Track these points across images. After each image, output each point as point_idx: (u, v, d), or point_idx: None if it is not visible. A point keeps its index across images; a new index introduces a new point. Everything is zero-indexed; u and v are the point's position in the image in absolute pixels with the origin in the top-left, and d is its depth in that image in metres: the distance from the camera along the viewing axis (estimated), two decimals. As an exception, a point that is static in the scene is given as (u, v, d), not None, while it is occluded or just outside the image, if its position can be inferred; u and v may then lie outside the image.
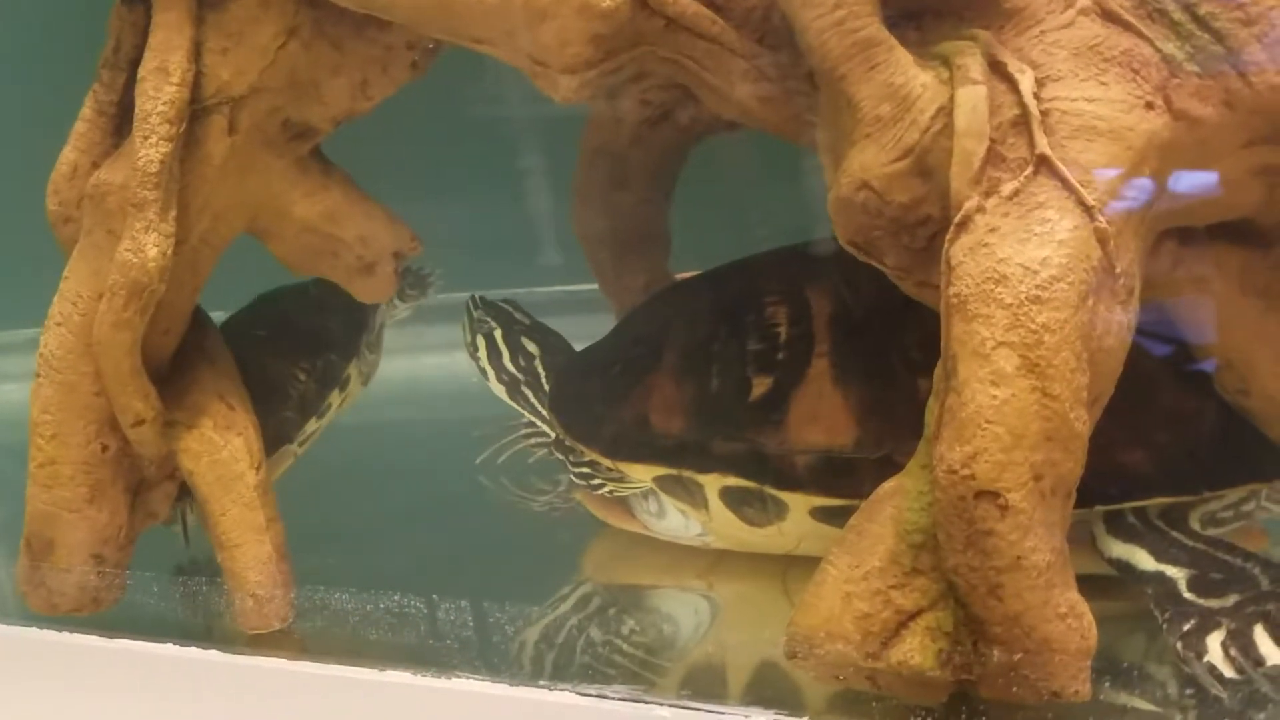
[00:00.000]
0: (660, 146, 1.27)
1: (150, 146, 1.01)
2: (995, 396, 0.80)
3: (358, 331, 1.38)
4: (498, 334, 1.28)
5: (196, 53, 1.02)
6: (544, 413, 1.26)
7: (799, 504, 1.03)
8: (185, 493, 1.16)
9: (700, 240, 1.40)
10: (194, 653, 0.92)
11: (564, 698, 0.82)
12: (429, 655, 0.90)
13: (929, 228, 0.87)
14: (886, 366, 1.02)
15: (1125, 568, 0.96)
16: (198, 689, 0.91)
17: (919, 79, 0.86)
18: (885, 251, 0.90)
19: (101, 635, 1.03)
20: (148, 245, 1.02)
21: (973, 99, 0.84)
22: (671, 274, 1.35)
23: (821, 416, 1.02)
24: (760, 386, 1.05)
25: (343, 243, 1.13)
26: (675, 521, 1.14)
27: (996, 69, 0.85)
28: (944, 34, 0.90)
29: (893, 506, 0.88)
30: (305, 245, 1.13)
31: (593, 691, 0.83)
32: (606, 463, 1.12)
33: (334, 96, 1.07)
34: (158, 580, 1.13)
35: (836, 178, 0.89)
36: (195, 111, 1.03)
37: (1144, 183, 0.84)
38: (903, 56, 0.87)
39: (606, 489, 1.16)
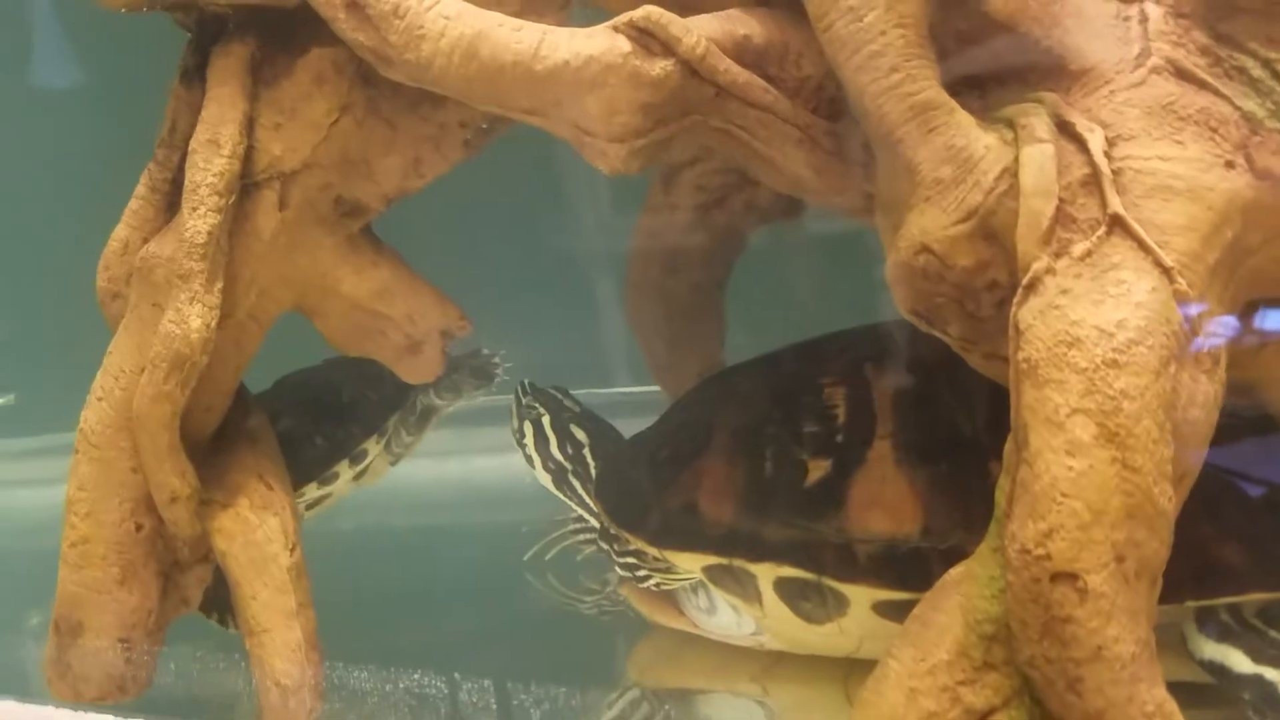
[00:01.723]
0: (715, 232, 1.25)
1: (198, 218, 1.00)
2: (1071, 468, 0.74)
3: (388, 410, 1.36)
4: (545, 420, 1.24)
5: (249, 127, 1.02)
6: (591, 504, 1.21)
7: (861, 597, 0.96)
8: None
9: (755, 330, 1.36)
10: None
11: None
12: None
13: (995, 294, 0.83)
14: (953, 449, 0.96)
15: (1219, 670, 0.87)
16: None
17: (981, 140, 0.83)
18: (949, 320, 0.85)
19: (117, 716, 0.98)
20: (191, 317, 1.01)
21: (1039, 157, 0.80)
22: (725, 363, 1.31)
23: (885, 502, 0.96)
24: (817, 470, 1.00)
25: (391, 321, 1.11)
26: (727, 618, 1.07)
27: (1064, 129, 0.82)
28: (1008, 100, 0.87)
29: (960, 594, 0.81)
30: (353, 323, 1.11)
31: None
32: (653, 552, 1.07)
33: (386, 174, 1.06)
34: (174, 658, 1.09)
35: (895, 243, 0.85)
36: (246, 186, 1.03)
37: (1226, 245, 0.79)
38: (964, 119, 0.83)
39: (653, 581, 1.09)
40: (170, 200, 1.08)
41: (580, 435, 1.22)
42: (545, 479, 1.25)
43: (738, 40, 0.90)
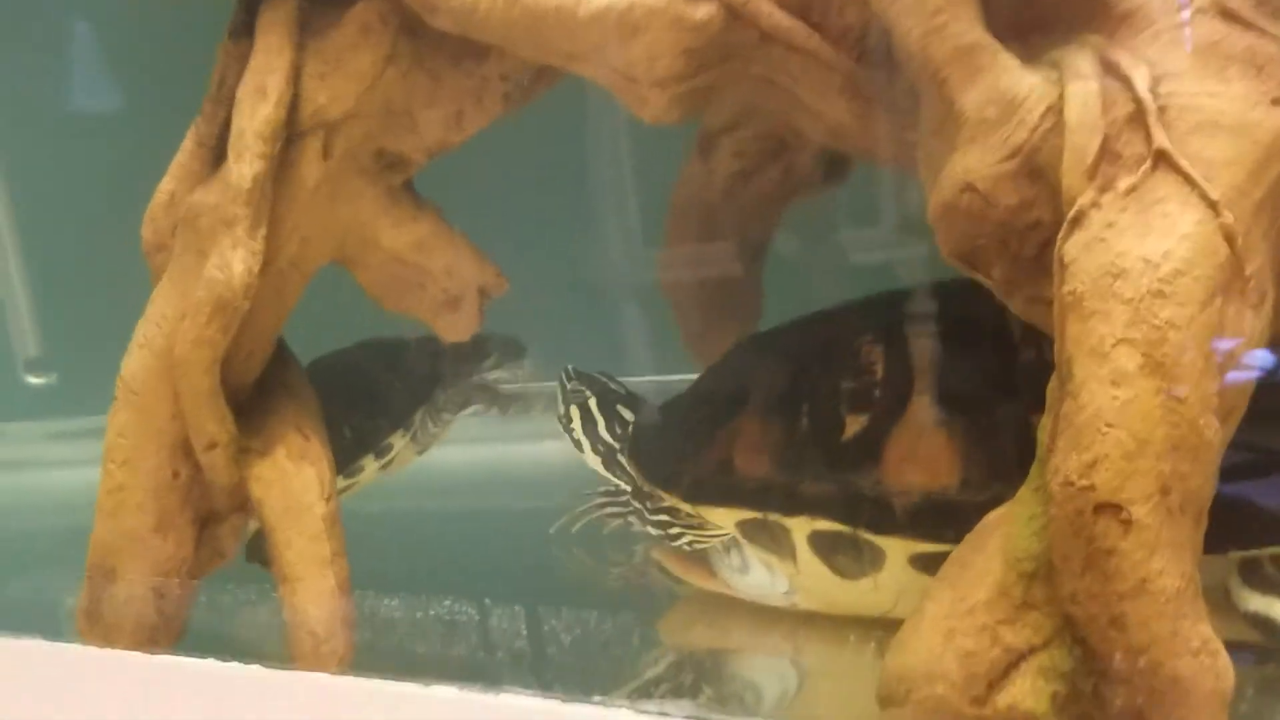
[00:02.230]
0: (753, 201, 1.25)
1: (244, 164, 1.01)
2: (1116, 398, 0.73)
3: (415, 403, 1.37)
4: (592, 402, 1.23)
5: (295, 76, 1.03)
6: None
7: (897, 551, 0.95)
8: None
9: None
10: (236, 668, 0.87)
11: (621, 714, 0.74)
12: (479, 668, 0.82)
13: (1039, 233, 0.82)
14: (990, 403, 0.95)
15: (1264, 624, 0.85)
16: (243, 703, 0.85)
17: (1026, 80, 0.82)
18: (991, 262, 0.85)
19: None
20: (235, 262, 1.02)
21: (1083, 92, 0.80)
22: (760, 333, 1.30)
23: (921, 456, 0.95)
24: (854, 425, 0.99)
25: (429, 274, 1.12)
26: (760, 577, 1.06)
27: (1109, 67, 0.81)
28: (1051, 46, 0.86)
29: (1000, 534, 0.80)
30: (392, 275, 1.12)
31: (653, 709, 0.75)
32: (686, 508, 1.06)
33: (428, 126, 1.07)
34: (206, 590, 1.09)
35: (938, 183, 0.84)
36: (291, 135, 1.04)
37: (1272, 181, 0.78)
38: (1008, 60, 0.83)
39: (686, 539, 1.09)
40: (216, 154, 1.09)
41: (627, 415, 1.22)
42: (594, 461, 1.24)
43: (782, -14, 0.91)
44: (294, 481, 1.08)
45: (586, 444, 1.22)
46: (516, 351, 1.38)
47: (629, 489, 1.19)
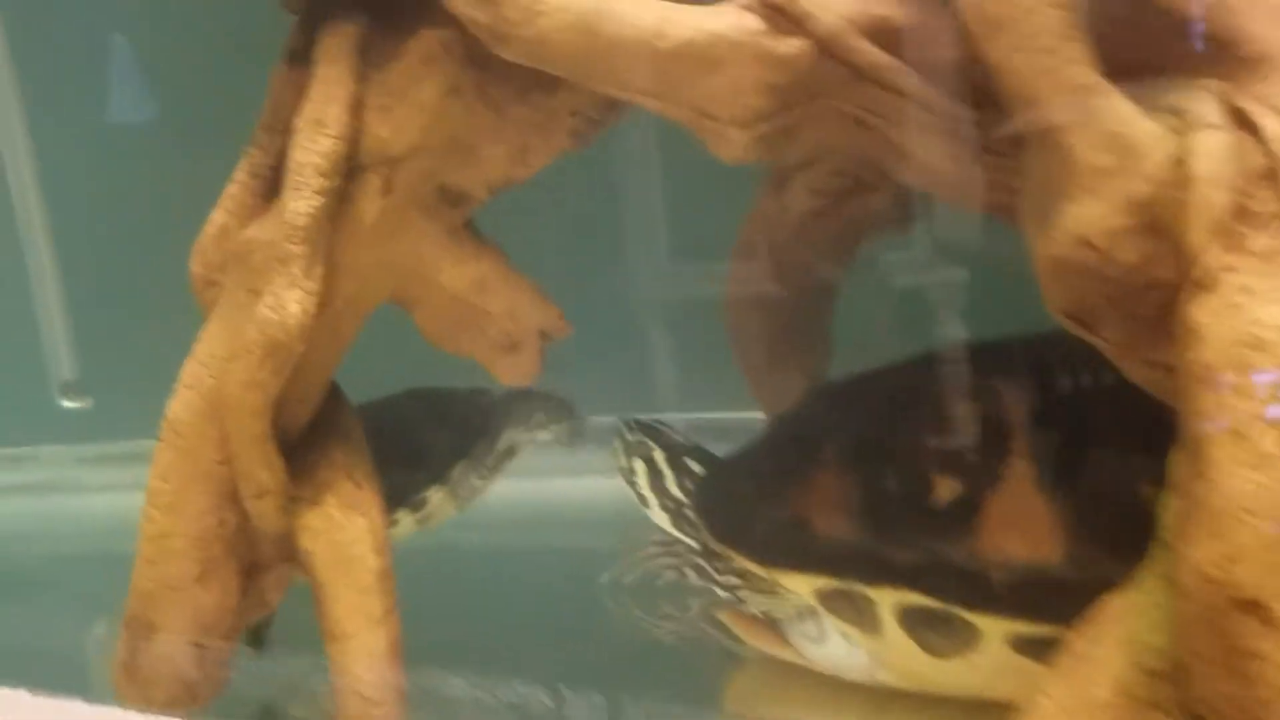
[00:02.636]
0: (825, 240, 1.19)
1: (301, 199, 0.96)
2: (1258, 483, 0.66)
3: (455, 457, 1.32)
4: (658, 455, 1.17)
5: (356, 108, 0.98)
6: None
7: (994, 630, 0.88)
8: None
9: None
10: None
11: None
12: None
13: (1159, 294, 0.75)
14: (1101, 467, 0.88)
15: None
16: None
17: (1144, 127, 0.76)
18: (1106, 323, 0.78)
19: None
20: (290, 302, 0.97)
21: (1212, 143, 0.73)
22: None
23: (1023, 524, 0.88)
24: (946, 488, 0.92)
25: (489, 316, 1.07)
26: (837, 649, 0.99)
27: (1236, 116, 0.75)
28: (1169, 89, 0.80)
29: (1122, 625, 0.74)
30: (451, 316, 1.07)
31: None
32: (759, 571, 1.00)
33: (492, 161, 1.02)
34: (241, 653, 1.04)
35: (1049, 236, 0.78)
36: (350, 169, 0.99)
37: None
38: (1124, 104, 0.77)
39: (757, 604, 1.02)
40: (271, 185, 1.05)
41: (696, 468, 1.15)
42: (662, 518, 1.17)
43: (875, 20, 0.85)
44: (345, 532, 1.02)
45: (653, 500, 1.16)
46: (566, 411, 1.32)
47: (696, 546, 1.13)
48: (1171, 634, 0.69)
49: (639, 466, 1.17)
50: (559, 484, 1.70)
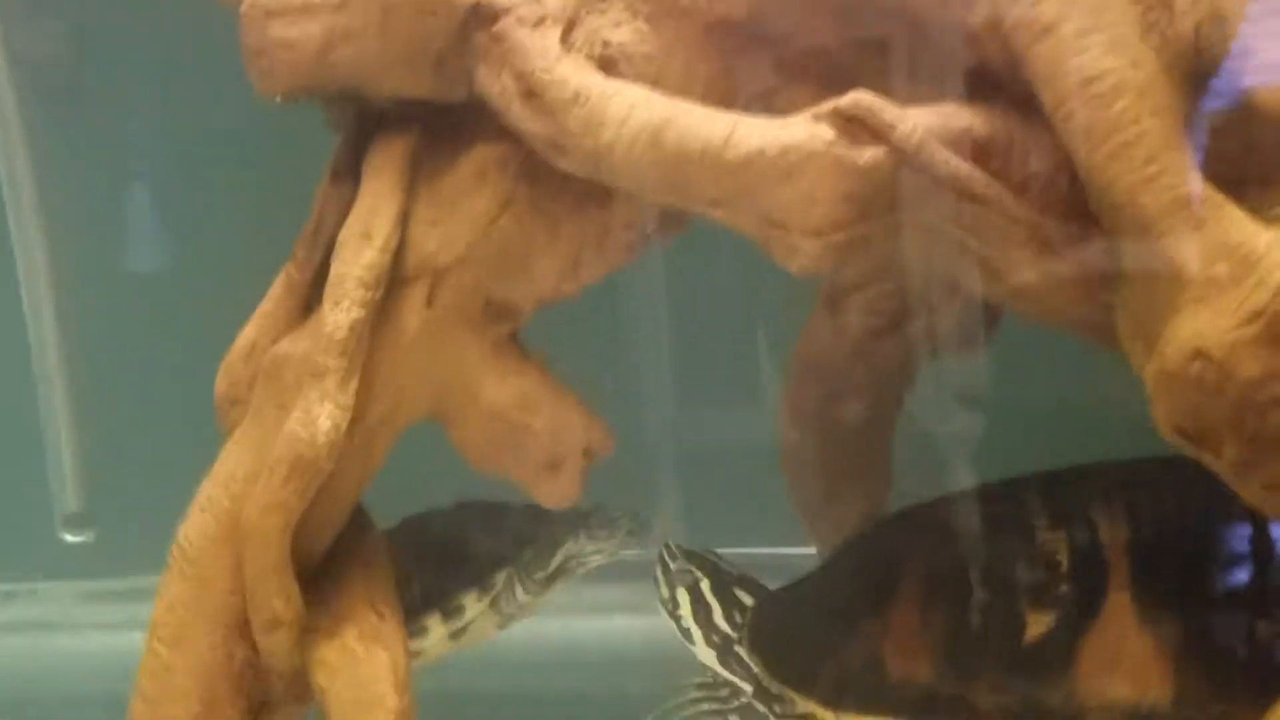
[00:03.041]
0: (885, 362, 1.14)
1: (341, 311, 0.91)
2: None
3: (499, 562, 1.22)
4: (704, 585, 1.08)
5: (403, 221, 0.94)
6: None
7: (1095, 783, 0.80)
8: None
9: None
10: None
11: None
12: None
13: (1284, 411, 0.70)
14: (1208, 602, 0.81)
15: None
16: None
17: (1262, 235, 0.72)
18: (1224, 441, 0.72)
19: None
20: (321, 417, 0.91)
21: (1339, 249, 0.69)
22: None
23: (1125, 663, 0.81)
24: (1038, 625, 0.85)
25: (531, 433, 1.00)
26: (909, 812, 0.90)
27: (1358, 222, 0.71)
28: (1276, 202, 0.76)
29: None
30: (491, 434, 1.00)
31: None
32: (828, 716, 0.91)
33: (543, 275, 0.98)
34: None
35: (1161, 352, 0.73)
36: (393, 281, 0.94)
37: None
38: (1237, 213, 0.73)
39: (817, 754, 0.94)
40: (308, 303, 1.00)
41: (746, 599, 1.07)
42: (708, 655, 1.07)
43: (956, 133, 0.81)
44: (364, 669, 0.94)
45: (698, 634, 1.07)
46: (636, 524, 1.24)
47: (749, 687, 1.04)
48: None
49: (682, 597, 1.09)
50: (585, 623, 1.62)
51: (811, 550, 1.22)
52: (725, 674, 1.06)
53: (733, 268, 1.56)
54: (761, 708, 1.00)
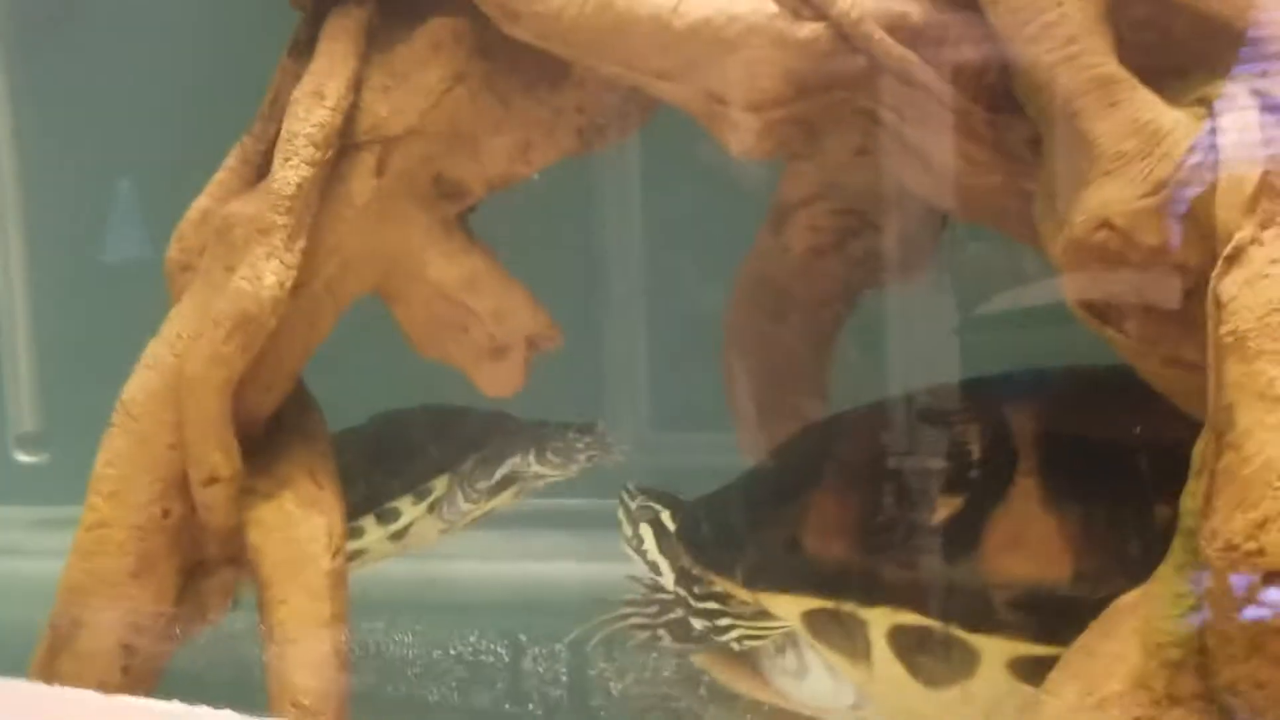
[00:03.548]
0: (827, 281, 1.16)
1: (291, 169, 0.93)
2: (1291, 448, 0.61)
3: (437, 469, 1.22)
4: (665, 516, 1.09)
5: (356, 86, 0.96)
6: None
7: (995, 652, 0.82)
8: None
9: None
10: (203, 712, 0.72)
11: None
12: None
13: (1184, 279, 0.73)
14: (1109, 487, 0.83)
15: None
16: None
17: (1169, 114, 0.75)
18: (1126, 315, 0.75)
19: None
20: (266, 273, 0.92)
21: (1241, 121, 0.72)
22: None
23: (1028, 543, 0.83)
24: (947, 507, 0.87)
25: (475, 316, 1.02)
26: (820, 684, 0.92)
27: (1264, 101, 0.74)
28: (1191, 89, 0.79)
29: (1137, 617, 0.68)
30: (435, 314, 1.02)
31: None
32: (742, 594, 0.93)
33: (492, 155, 1.00)
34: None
35: (1070, 221, 0.75)
36: (344, 147, 0.96)
37: None
38: (1148, 94, 0.76)
39: (735, 633, 0.95)
40: (261, 172, 1.01)
41: None
42: (675, 582, 1.08)
43: (894, 17, 0.84)
44: (299, 530, 0.95)
45: (665, 564, 1.08)
46: (598, 445, 1.24)
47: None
48: (1190, 624, 0.63)
49: (645, 532, 1.09)
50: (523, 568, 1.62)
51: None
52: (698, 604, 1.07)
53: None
54: (682, 592, 1.01)
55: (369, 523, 1.20)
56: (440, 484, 1.23)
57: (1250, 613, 0.60)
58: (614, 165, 1.58)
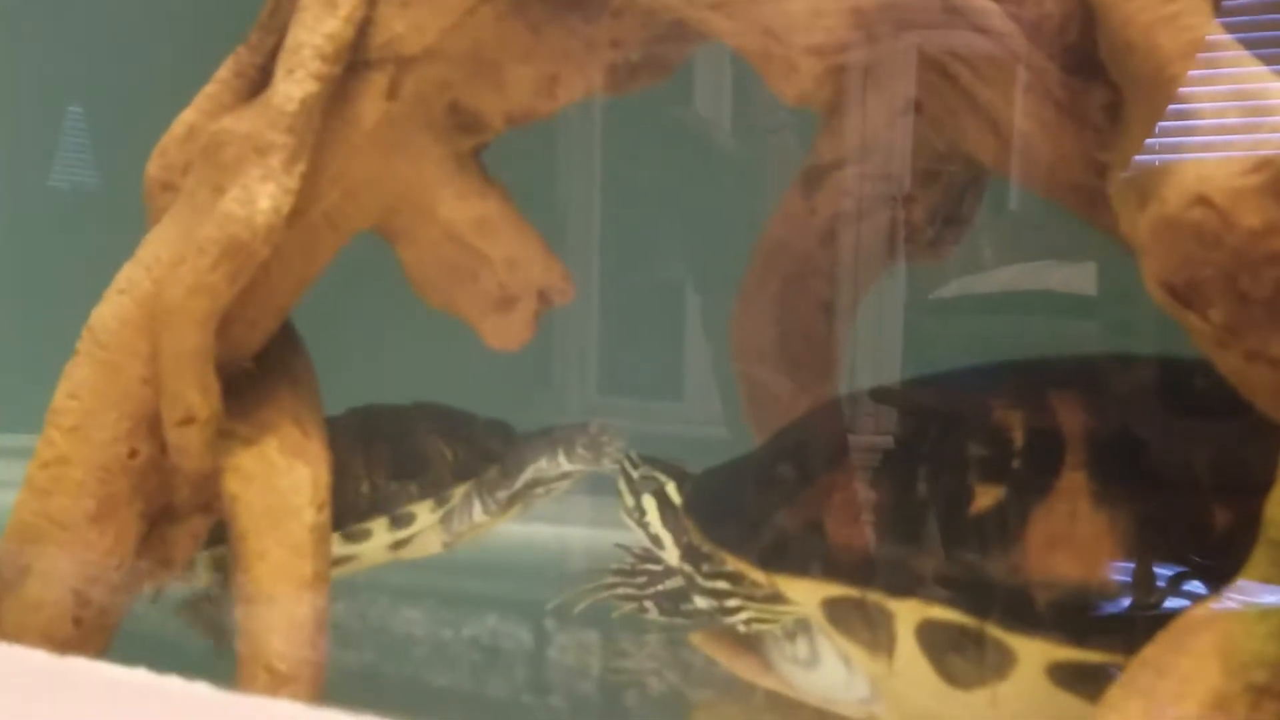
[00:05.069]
0: (851, 250, 1.09)
1: (294, 82, 0.84)
2: None
3: (460, 477, 1.15)
4: (670, 487, 1.03)
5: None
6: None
7: (1033, 656, 0.76)
8: None
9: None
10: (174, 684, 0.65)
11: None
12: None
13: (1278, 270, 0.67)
14: (1166, 486, 0.78)
15: None
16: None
17: (1277, 86, 0.69)
18: (1213, 300, 0.69)
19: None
20: (261, 196, 0.84)
21: (1362, 102, 0.66)
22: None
23: (1074, 542, 0.77)
24: (986, 497, 0.81)
25: (487, 263, 0.94)
26: (832, 675, 0.86)
27: (1383, 82, 0.68)
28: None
29: (1215, 632, 0.62)
30: (442, 258, 0.94)
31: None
32: (757, 575, 0.86)
33: (515, 87, 0.91)
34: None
35: (1160, 195, 0.69)
36: (354, 63, 0.87)
37: None
38: (1252, 61, 0.70)
39: (743, 615, 0.89)
40: (255, 86, 0.92)
41: None
42: (677, 557, 1.01)
43: (972, -37, 0.78)
44: (282, 479, 0.87)
45: (668, 538, 1.01)
46: (596, 445, 1.17)
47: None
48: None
49: (649, 504, 1.02)
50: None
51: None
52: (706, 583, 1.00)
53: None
54: (689, 569, 0.95)
55: (380, 525, 1.12)
56: (460, 492, 1.16)
57: (1356, 636, 0.55)
58: (575, 130, 1.52)
